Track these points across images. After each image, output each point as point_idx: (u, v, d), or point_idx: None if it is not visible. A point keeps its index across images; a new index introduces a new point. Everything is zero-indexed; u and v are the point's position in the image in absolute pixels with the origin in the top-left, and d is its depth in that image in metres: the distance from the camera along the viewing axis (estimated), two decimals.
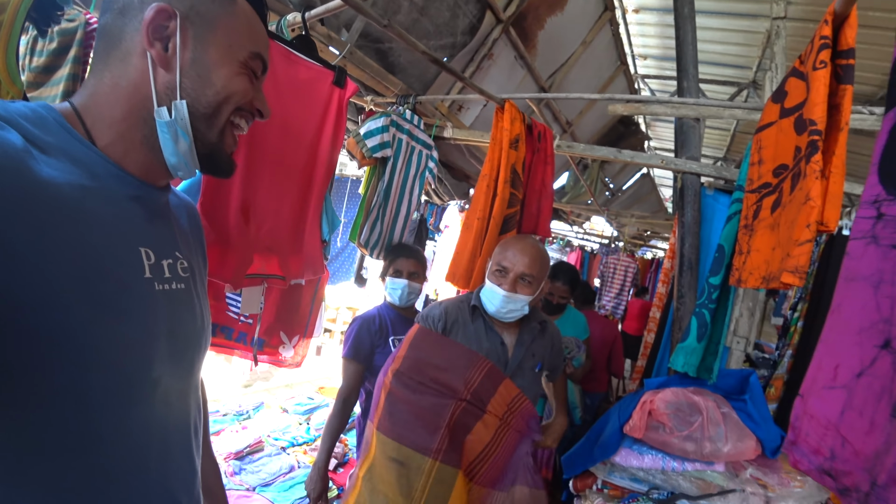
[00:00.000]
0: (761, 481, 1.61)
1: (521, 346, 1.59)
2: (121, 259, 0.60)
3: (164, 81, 0.64)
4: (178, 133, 0.64)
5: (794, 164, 1.10)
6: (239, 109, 0.70)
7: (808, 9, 3.42)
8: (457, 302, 1.62)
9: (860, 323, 0.53)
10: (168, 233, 0.72)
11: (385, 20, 1.41)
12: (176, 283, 0.70)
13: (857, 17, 0.95)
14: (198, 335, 0.75)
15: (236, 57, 0.68)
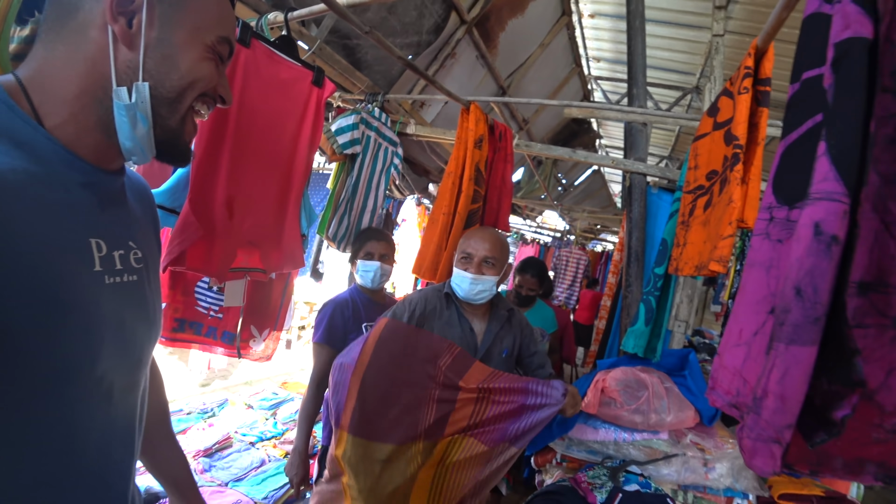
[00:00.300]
0: (700, 446, 1.84)
1: (489, 333, 1.71)
2: (68, 251, 0.56)
3: (125, 60, 0.59)
4: (136, 117, 0.60)
5: (722, 170, 1.29)
6: (202, 95, 0.67)
7: (747, 25, 3.75)
8: (434, 290, 1.73)
9: (756, 297, 0.70)
10: (121, 221, 0.67)
11: (367, 27, 1.50)
12: (128, 276, 0.66)
13: (773, 51, 1.14)
14: (148, 329, 0.72)
15: (203, 40, 0.64)
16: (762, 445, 0.55)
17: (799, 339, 0.53)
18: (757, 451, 0.56)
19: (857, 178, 0.53)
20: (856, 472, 0.61)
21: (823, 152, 0.54)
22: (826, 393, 0.54)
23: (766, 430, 0.55)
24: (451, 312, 1.69)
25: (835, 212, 0.52)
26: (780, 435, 0.54)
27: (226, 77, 0.71)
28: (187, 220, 1.36)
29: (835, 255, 0.52)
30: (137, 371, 0.70)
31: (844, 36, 0.56)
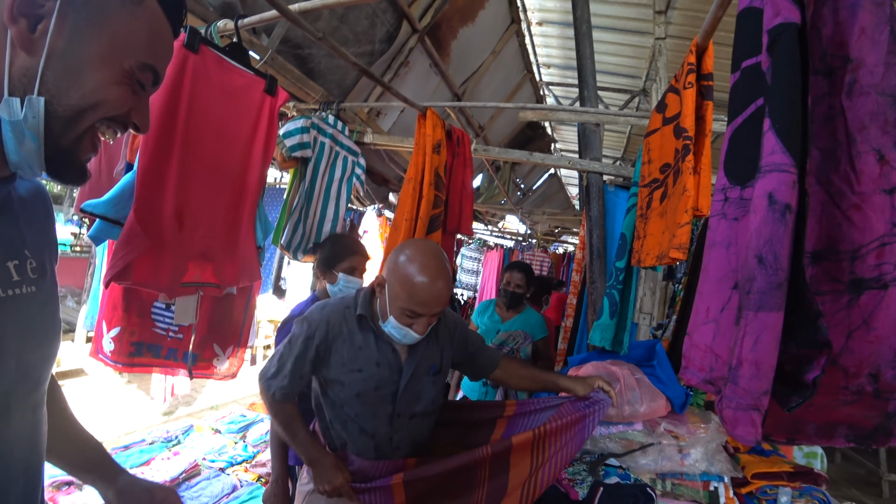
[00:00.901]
0: (673, 433, 1.88)
1: (413, 354, 1.47)
2: None
3: (22, 66, 0.54)
4: (24, 133, 0.54)
5: (674, 163, 1.34)
6: (110, 119, 0.61)
7: (686, 29, 3.95)
8: (340, 309, 1.43)
9: (719, 274, 0.73)
10: (13, 230, 0.63)
11: (320, 33, 1.48)
12: (26, 287, 0.62)
13: (713, 48, 1.20)
14: (49, 342, 0.68)
15: (120, 62, 0.59)
16: (742, 414, 0.57)
17: (766, 304, 0.54)
18: (738, 420, 0.58)
19: (802, 150, 0.55)
20: (828, 435, 0.64)
21: (769, 128, 0.57)
22: (795, 357, 0.56)
23: (744, 398, 0.56)
24: (367, 336, 1.42)
25: (785, 181, 0.55)
26: (758, 401, 0.56)
27: (146, 104, 0.65)
28: (132, 231, 1.29)
29: (789, 223, 0.54)
30: (37, 389, 0.66)
31: (776, 22, 0.59)
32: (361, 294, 1.45)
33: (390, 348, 1.43)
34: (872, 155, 0.58)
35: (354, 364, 1.39)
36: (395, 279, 1.32)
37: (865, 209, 0.58)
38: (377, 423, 1.44)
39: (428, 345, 1.50)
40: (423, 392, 1.50)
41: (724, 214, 0.73)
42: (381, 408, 1.43)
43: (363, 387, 1.40)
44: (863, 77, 0.59)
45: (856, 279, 0.59)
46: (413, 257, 1.33)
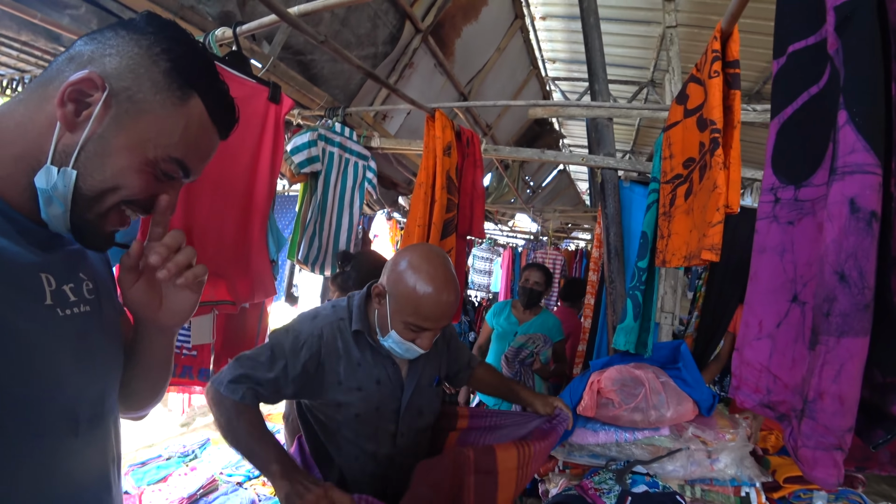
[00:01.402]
0: (701, 438, 1.80)
1: (414, 367, 1.38)
2: (17, 287, 0.58)
3: (64, 143, 0.61)
4: (52, 199, 0.61)
5: (699, 157, 1.27)
6: (130, 202, 0.66)
7: (696, 16, 3.85)
8: (333, 320, 1.30)
9: (773, 284, 0.66)
10: (67, 258, 0.69)
11: (322, 36, 1.43)
12: (82, 306, 0.67)
13: (738, 33, 1.13)
14: (110, 358, 0.73)
15: (146, 152, 0.64)
16: (823, 454, 0.50)
17: (850, 329, 0.48)
18: (818, 461, 0.51)
19: (887, 147, 0.49)
20: None
21: (846, 121, 0.50)
22: (880, 386, 0.49)
23: (825, 436, 0.50)
24: (365, 351, 1.30)
25: (870, 185, 0.48)
26: (841, 440, 0.49)
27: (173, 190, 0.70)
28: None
29: (875, 233, 0.48)
30: (103, 402, 0.70)
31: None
32: (356, 303, 1.31)
33: (390, 362, 1.32)
34: None
35: (352, 382, 1.26)
36: (399, 291, 1.20)
37: None
38: (378, 444, 1.33)
39: (428, 356, 1.39)
40: (426, 406, 1.41)
41: (775, 217, 0.66)
42: (382, 427, 1.32)
43: (363, 407, 1.28)
44: None
45: None
46: (418, 266, 1.21)
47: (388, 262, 1.30)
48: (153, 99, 0.63)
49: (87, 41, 0.64)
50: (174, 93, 0.64)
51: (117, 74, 0.62)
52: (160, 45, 0.64)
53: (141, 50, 0.64)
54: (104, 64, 0.62)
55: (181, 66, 0.65)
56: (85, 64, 0.62)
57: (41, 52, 2.63)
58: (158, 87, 0.63)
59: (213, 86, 0.69)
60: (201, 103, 0.67)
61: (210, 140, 0.71)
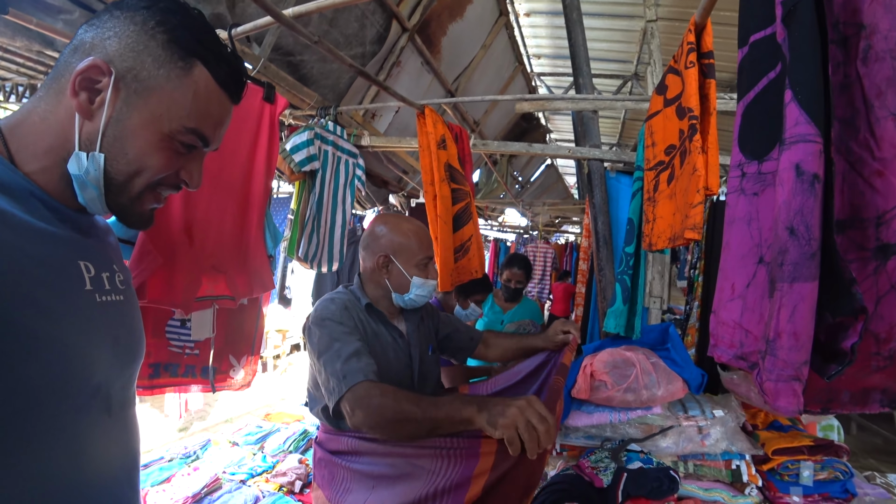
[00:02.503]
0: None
1: (414, 336, 1.47)
2: (60, 271, 0.61)
3: (87, 132, 0.63)
4: (86, 184, 0.63)
5: (679, 143, 1.33)
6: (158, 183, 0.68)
7: (675, 10, 3.95)
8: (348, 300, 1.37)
9: (742, 250, 0.73)
10: (102, 248, 0.72)
11: (315, 37, 1.47)
12: (115, 295, 0.70)
13: (712, 26, 1.20)
14: (136, 345, 0.76)
15: (160, 128, 0.65)
16: (784, 385, 0.57)
17: (800, 275, 0.55)
18: (780, 391, 0.58)
19: (826, 119, 0.55)
20: (863, 402, 0.64)
21: (790, 99, 0.57)
22: (831, 327, 0.56)
23: (785, 369, 0.57)
24: (378, 324, 1.39)
25: (811, 151, 0.55)
26: (798, 372, 0.56)
27: (198, 162, 0.72)
28: (144, 249, 1.29)
29: (818, 192, 0.54)
30: (130, 387, 0.74)
31: None
32: (355, 286, 1.42)
33: (398, 332, 1.42)
34: (891, 120, 0.58)
35: (375, 350, 1.31)
36: (400, 241, 1.38)
37: (887, 175, 0.57)
38: None
39: (419, 327, 1.50)
40: (430, 373, 1.49)
41: (742, 190, 0.73)
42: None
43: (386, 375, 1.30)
44: (877, 43, 0.58)
45: (882, 245, 0.58)
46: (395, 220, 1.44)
47: (367, 238, 1.43)
48: (157, 74, 0.64)
49: (87, 28, 0.66)
50: (176, 64, 0.65)
51: (119, 56, 0.63)
52: (154, 17, 0.64)
53: (136, 27, 0.64)
54: (106, 48, 0.63)
55: (178, 36, 0.65)
56: (88, 51, 0.63)
57: (33, 60, 2.65)
58: (160, 61, 0.64)
59: (214, 51, 0.68)
60: (206, 70, 0.67)
61: (221, 105, 0.71)
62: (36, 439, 0.56)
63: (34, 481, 0.56)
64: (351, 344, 1.20)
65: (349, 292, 1.41)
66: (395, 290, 1.40)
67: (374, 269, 1.40)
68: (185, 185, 0.72)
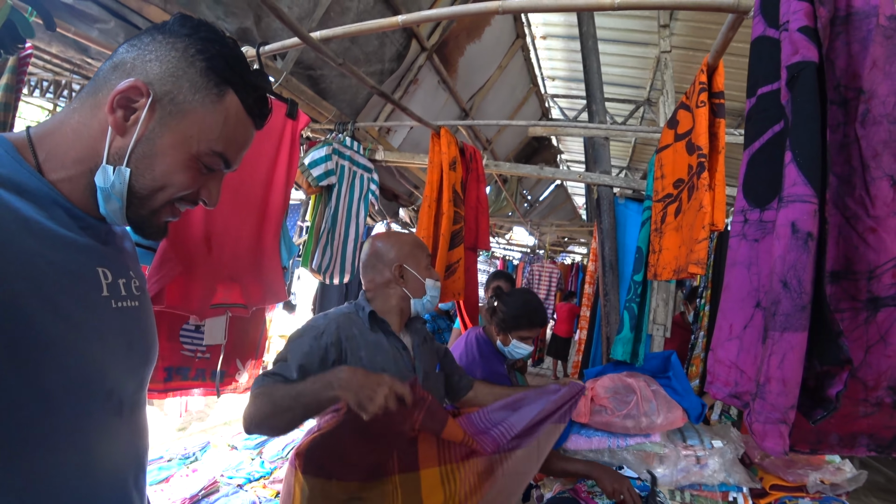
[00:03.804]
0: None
1: (419, 351, 1.48)
2: (79, 277, 0.63)
3: (117, 146, 0.66)
4: (110, 196, 0.66)
5: (688, 178, 1.37)
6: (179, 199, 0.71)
7: (689, 39, 4.01)
8: (345, 314, 1.38)
9: (741, 293, 0.76)
10: (119, 255, 0.74)
11: (340, 59, 1.53)
12: (131, 301, 0.72)
13: (723, 67, 1.24)
14: (148, 350, 0.78)
15: (189, 148, 0.68)
16: (771, 427, 0.60)
17: (791, 326, 0.58)
18: (767, 433, 0.61)
19: (822, 181, 0.59)
20: (850, 445, 0.67)
21: (790, 160, 0.61)
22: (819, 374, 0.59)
23: (772, 412, 0.60)
24: (378, 334, 1.38)
25: (807, 212, 0.59)
26: (785, 416, 0.59)
27: (218, 182, 0.75)
28: (165, 256, 1.34)
29: (811, 249, 0.58)
30: (141, 390, 0.76)
31: (794, 60, 0.64)
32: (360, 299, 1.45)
33: (402, 345, 1.41)
34: (886, 181, 0.62)
35: (376, 363, 1.31)
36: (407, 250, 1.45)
37: (880, 231, 0.61)
38: None
39: (423, 345, 1.51)
40: (435, 390, 1.49)
41: (744, 235, 0.77)
42: None
43: None
44: (875, 107, 0.62)
45: (873, 297, 0.62)
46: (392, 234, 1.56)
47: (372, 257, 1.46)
48: (193, 98, 0.67)
49: (128, 48, 0.68)
50: (211, 90, 0.68)
51: (159, 79, 0.66)
52: (195, 46, 0.68)
53: (178, 53, 0.67)
54: (147, 70, 0.66)
55: (216, 64, 0.68)
56: (129, 71, 0.66)
57: (59, 58, 2.74)
58: (197, 86, 0.67)
59: (246, 80, 0.72)
60: (237, 98, 0.71)
61: (246, 131, 0.74)
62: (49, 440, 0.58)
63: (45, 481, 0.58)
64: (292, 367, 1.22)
65: (353, 305, 1.42)
66: (413, 294, 1.45)
67: (388, 282, 1.43)
68: (203, 203, 0.75)
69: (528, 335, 1.96)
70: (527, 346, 1.97)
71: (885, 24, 0.63)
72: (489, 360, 1.97)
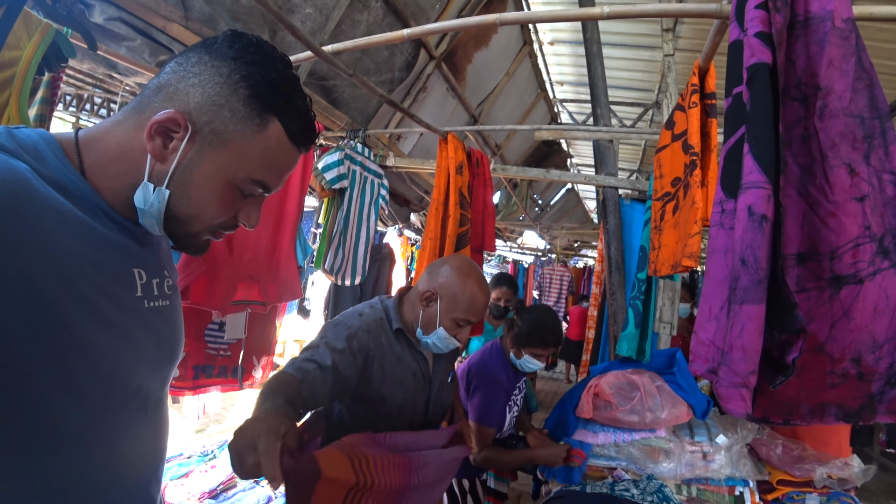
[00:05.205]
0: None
1: (438, 363, 1.52)
2: (115, 277, 0.65)
3: (157, 171, 0.66)
4: (148, 215, 0.66)
5: (684, 177, 1.43)
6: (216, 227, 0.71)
7: (695, 42, 4.05)
8: (377, 322, 1.39)
9: (719, 277, 0.82)
10: (155, 255, 0.75)
11: (351, 70, 1.62)
12: (162, 301, 0.74)
13: (714, 69, 1.30)
14: (176, 348, 0.79)
15: (226, 176, 0.67)
16: (733, 391, 0.66)
17: (749, 298, 0.64)
18: (730, 396, 0.67)
19: (775, 169, 0.65)
20: (820, 415, 0.72)
21: (747, 151, 0.67)
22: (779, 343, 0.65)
23: (734, 377, 0.65)
24: (403, 349, 1.41)
25: (761, 196, 0.65)
26: (746, 380, 0.65)
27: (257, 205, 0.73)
28: (190, 256, 1.43)
29: (766, 230, 0.64)
30: (164, 386, 0.77)
31: (752, 61, 0.70)
32: (391, 305, 1.44)
33: (422, 357, 1.44)
34: (843, 169, 0.67)
35: (396, 376, 1.36)
36: (453, 293, 1.36)
37: (840, 215, 0.67)
38: None
39: (440, 358, 1.53)
40: (445, 400, 1.54)
41: (721, 224, 0.83)
42: (415, 419, 1.43)
43: (404, 399, 1.37)
44: (832, 102, 0.68)
45: (835, 276, 0.67)
46: (467, 271, 1.40)
47: (431, 270, 1.44)
48: (234, 129, 0.66)
49: (174, 67, 0.67)
50: (253, 120, 0.66)
51: (199, 108, 0.65)
52: (240, 71, 0.65)
53: (221, 79, 0.65)
54: (188, 98, 0.65)
55: (260, 92, 0.66)
56: (171, 96, 0.66)
57: (83, 73, 2.89)
58: (238, 116, 0.66)
59: (291, 107, 0.69)
60: (280, 126, 0.68)
61: (288, 157, 0.72)
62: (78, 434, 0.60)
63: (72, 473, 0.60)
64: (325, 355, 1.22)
65: (383, 310, 1.42)
66: (422, 326, 1.39)
67: (419, 297, 1.40)
68: (243, 225, 0.74)
69: (540, 353, 2.00)
70: (538, 362, 2.02)
71: (840, 27, 0.69)
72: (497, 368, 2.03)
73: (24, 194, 0.54)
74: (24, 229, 0.54)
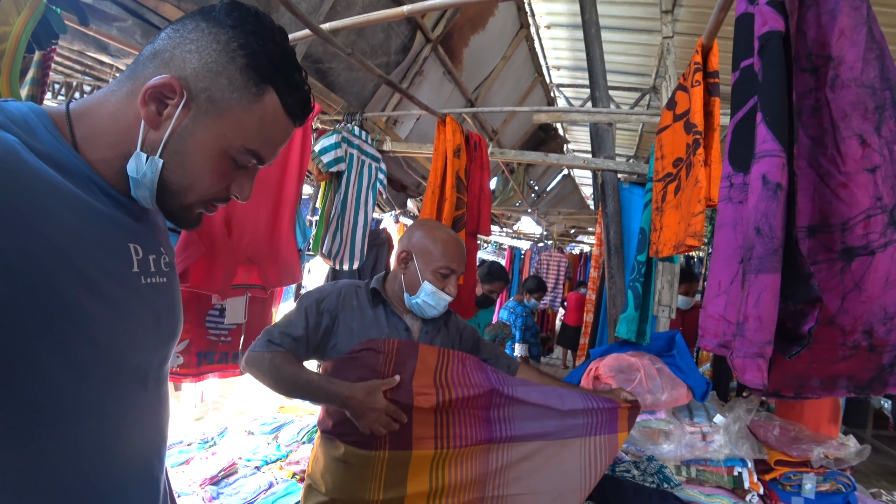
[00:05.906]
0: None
1: (425, 334, 1.44)
2: (112, 252, 0.63)
3: (150, 139, 0.65)
4: (141, 185, 0.65)
5: (686, 157, 1.42)
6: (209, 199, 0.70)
7: (693, 25, 4.02)
8: (352, 285, 1.42)
9: (727, 252, 0.82)
10: (151, 231, 0.74)
11: (349, 49, 1.59)
12: (160, 277, 0.72)
13: (717, 47, 1.29)
14: (175, 325, 0.78)
15: (220, 145, 0.66)
16: (750, 361, 0.66)
17: (764, 268, 0.64)
18: (746, 366, 0.67)
19: (789, 138, 0.64)
20: (831, 387, 0.73)
21: (761, 121, 0.66)
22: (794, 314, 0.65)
23: (750, 347, 0.65)
24: (378, 311, 1.40)
25: (776, 164, 0.64)
26: (762, 350, 0.65)
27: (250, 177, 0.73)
28: (189, 238, 1.42)
29: (781, 199, 0.64)
30: (164, 364, 0.77)
31: (764, 30, 0.69)
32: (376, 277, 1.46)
33: (403, 325, 1.40)
34: (855, 139, 0.67)
35: (363, 335, 1.33)
36: (425, 244, 1.38)
37: (851, 186, 0.66)
38: None
39: (439, 331, 1.47)
40: None
41: (730, 199, 0.82)
42: None
43: None
44: (843, 72, 0.67)
45: (847, 248, 0.67)
46: (433, 226, 1.46)
47: (401, 239, 1.47)
48: (230, 97, 0.65)
49: (170, 34, 0.66)
50: (250, 90, 0.66)
51: (195, 75, 0.64)
52: (238, 39, 0.65)
53: (219, 46, 0.64)
54: (184, 63, 0.64)
55: (257, 61, 0.66)
56: (167, 62, 0.64)
57: (71, 60, 2.83)
58: (235, 84, 0.65)
59: (288, 80, 0.69)
60: (276, 97, 0.68)
61: (284, 130, 0.72)
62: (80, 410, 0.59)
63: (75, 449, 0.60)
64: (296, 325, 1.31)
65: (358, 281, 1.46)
66: (407, 289, 1.39)
67: (396, 264, 1.42)
68: (235, 197, 0.73)
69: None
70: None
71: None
72: None
73: (15, 168, 0.53)
74: (18, 203, 0.52)
